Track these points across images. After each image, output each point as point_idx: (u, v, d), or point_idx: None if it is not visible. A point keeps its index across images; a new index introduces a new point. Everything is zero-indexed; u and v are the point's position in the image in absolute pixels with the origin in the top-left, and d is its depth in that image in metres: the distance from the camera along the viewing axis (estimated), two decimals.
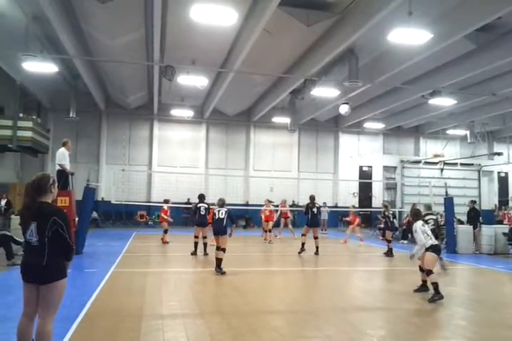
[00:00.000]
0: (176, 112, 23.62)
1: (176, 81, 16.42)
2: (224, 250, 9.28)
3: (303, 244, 12.89)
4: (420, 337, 5.39)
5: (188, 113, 23.48)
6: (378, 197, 27.58)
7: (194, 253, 12.10)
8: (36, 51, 13.83)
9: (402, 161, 28.84)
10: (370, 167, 28.64)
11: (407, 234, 18.95)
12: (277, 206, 18.64)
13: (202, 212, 12.16)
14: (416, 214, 7.91)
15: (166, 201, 16.11)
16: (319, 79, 16.75)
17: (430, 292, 7.41)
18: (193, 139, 25.91)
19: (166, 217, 15.52)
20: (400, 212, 25.39)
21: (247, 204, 23.83)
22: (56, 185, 4.11)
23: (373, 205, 27.06)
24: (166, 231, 15.25)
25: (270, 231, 16.69)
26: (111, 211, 23.07)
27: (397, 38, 11.32)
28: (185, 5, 11.37)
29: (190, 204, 17.74)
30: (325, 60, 14.99)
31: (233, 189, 24.13)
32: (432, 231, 8.17)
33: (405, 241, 18.14)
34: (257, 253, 13.36)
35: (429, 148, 29.49)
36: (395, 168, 28.92)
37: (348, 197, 27.31)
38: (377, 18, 11.52)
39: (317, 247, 12.93)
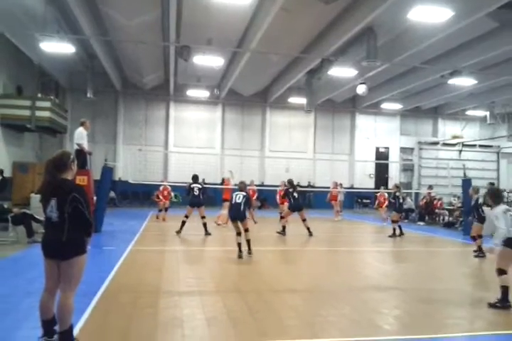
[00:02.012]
0: (191, 93, 23.59)
1: (191, 61, 16.34)
2: (247, 230, 9.14)
3: (284, 227, 12.89)
4: (436, 317, 5.41)
5: (203, 93, 23.41)
6: (395, 178, 27.40)
7: (179, 232, 12.12)
8: (53, 31, 13.84)
9: (419, 142, 28.51)
10: (387, 148, 28.38)
11: (424, 215, 18.91)
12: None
13: (195, 193, 12.29)
14: (496, 196, 6.14)
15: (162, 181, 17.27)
16: (336, 59, 16.51)
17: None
18: (209, 120, 25.90)
19: (161, 196, 16.34)
20: (417, 194, 25.25)
21: (262, 185, 23.90)
22: (76, 162, 4.15)
23: (390, 187, 26.93)
24: (166, 210, 16.06)
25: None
26: (128, 191, 23.34)
27: (418, 16, 11.10)
28: None
29: (206, 184, 17.91)
30: (343, 38, 14.75)
31: (249, 169, 24.19)
32: None
33: (422, 223, 18.07)
34: (272, 234, 13.46)
35: (448, 129, 29.05)
36: (412, 149, 28.62)
37: (364, 178, 27.22)
38: None
39: (308, 228, 12.80)
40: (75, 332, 4.11)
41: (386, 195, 17.41)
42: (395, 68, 19.08)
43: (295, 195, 12.96)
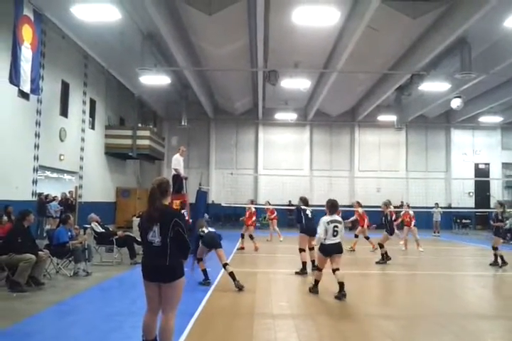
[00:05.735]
0: (279, 116, 24.01)
1: (279, 85, 16.67)
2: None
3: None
4: None
5: (291, 116, 23.70)
6: (498, 196, 25.43)
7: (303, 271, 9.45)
8: (151, 65, 14.91)
9: None
10: (487, 164, 26.57)
11: None
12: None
13: (309, 216, 9.65)
14: (332, 207, 7.23)
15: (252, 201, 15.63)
16: (428, 74, 15.95)
17: None
18: (297, 141, 26.10)
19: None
20: None
21: (352, 206, 23.33)
22: (171, 188, 4.37)
23: (491, 206, 25.00)
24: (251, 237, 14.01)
25: (368, 238, 13.83)
26: (220, 213, 24.00)
27: None
28: (287, 9, 11.53)
29: (293, 205, 17.86)
30: (433, 52, 14.27)
31: (338, 190, 23.81)
32: None
33: None
34: (360, 256, 13.04)
35: None
36: None
37: (463, 196, 25.60)
38: (491, 4, 10.71)
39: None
40: None
41: (411, 212, 14.36)
42: (492, 79, 17.96)
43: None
